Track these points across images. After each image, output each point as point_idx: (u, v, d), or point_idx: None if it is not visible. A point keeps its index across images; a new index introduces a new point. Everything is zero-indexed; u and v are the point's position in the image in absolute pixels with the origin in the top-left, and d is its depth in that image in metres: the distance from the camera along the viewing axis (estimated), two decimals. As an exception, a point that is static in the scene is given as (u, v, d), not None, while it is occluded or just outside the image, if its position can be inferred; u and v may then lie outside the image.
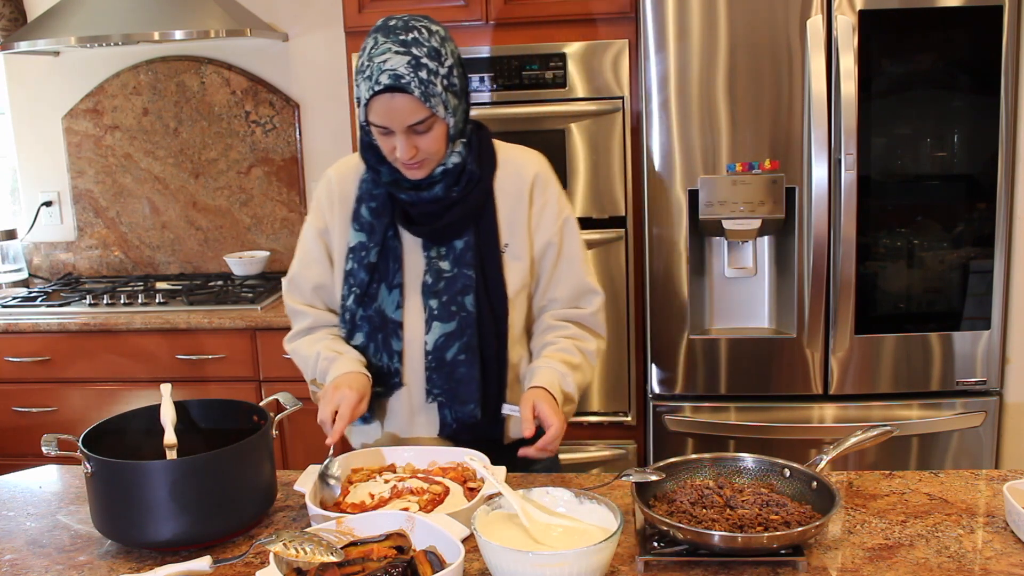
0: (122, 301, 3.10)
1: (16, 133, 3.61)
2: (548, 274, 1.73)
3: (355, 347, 1.71)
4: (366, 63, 1.52)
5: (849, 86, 2.39)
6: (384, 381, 1.70)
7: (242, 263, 3.40)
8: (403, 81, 1.49)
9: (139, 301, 3.09)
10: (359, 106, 1.57)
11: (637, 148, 2.66)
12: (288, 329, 2.87)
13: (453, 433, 1.71)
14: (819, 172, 2.44)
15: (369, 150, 1.64)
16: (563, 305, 1.74)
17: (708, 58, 2.47)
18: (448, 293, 1.64)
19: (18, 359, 3.03)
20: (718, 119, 2.49)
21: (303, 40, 3.39)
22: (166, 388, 1.59)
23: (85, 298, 3.14)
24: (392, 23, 1.54)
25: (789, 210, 2.51)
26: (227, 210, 3.52)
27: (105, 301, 3.11)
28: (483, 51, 2.73)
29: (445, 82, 1.53)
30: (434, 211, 1.63)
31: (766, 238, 2.62)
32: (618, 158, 2.71)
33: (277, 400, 1.58)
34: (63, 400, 3.05)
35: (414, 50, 1.50)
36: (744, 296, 2.65)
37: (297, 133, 3.44)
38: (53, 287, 3.40)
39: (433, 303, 1.65)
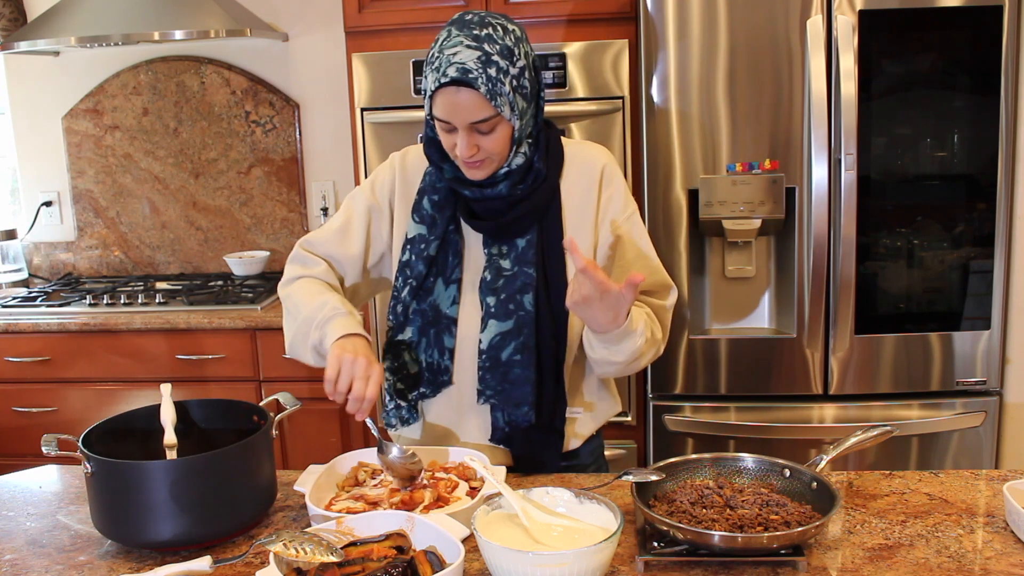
0: (122, 301, 3.10)
1: (16, 133, 3.61)
2: (618, 267, 1.63)
3: (403, 342, 1.66)
4: (436, 54, 1.48)
5: (849, 86, 2.40)
6: (432, 379, 1.65)
7: (242, 263, 3.41)
8: (470, 76, 1.44)
9: (139, 301, 3.09)
10: (424, 98, 1.52)
11: (637, 148, 2.66)
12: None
13: (505, 437, 1.64)
14: (819, 172, 2.44)
15: (432, 146, 1.60)
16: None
17: (708, 58, 2.47)
18: (507, 291, 1.59)
19: (18, 359, 3.03)
20: (718, 119, 2.49)
21: (303, 40, 3.39)
22: (166, 388, 1.58)
23: (85, 298, 3.14)
24: (468, 17, 1.51)
25: (789, 210, 2.51)
26: (227, 210, 3.53)
27: (105, 301, 3.11)
28: (483, 51, 2.73)
29: (515, 83, 1.48)
30: (498, 207, 1.58)
31: (766, 238, 2.62)
32: (618, 158, 2.71)
33: (277, 400, 1.58)
34: (63, 400, 3.05)
35: (486, 46, 1.46)
36: (744, 296, 2.65)
37: (297, 133, 3.44)
38: (53, 287, 3.40)
39: (491, 300, 1.60)
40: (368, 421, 1.51)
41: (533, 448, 1.64)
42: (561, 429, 1.65)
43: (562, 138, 1.67)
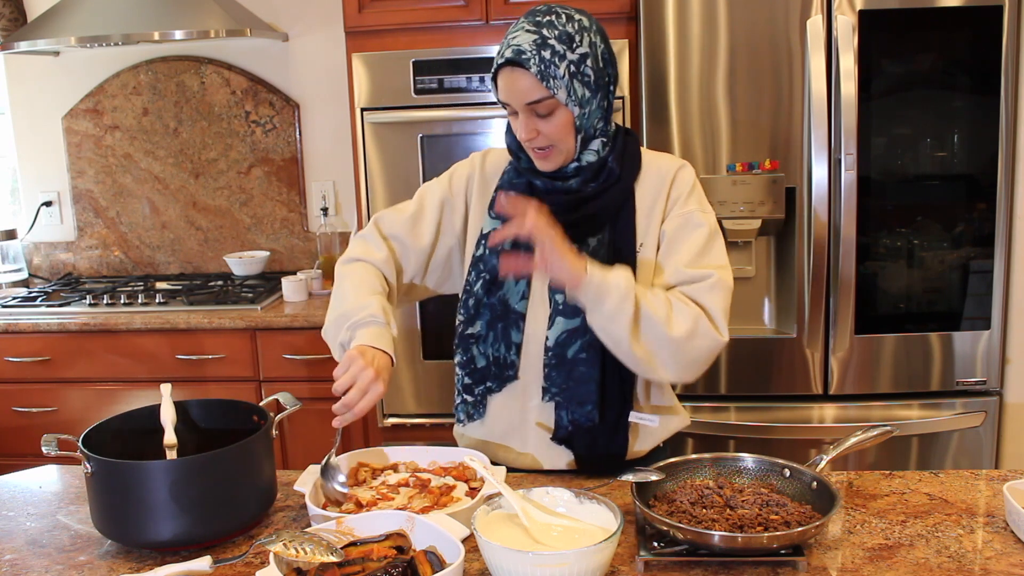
0: (122, 301, 3.10)
1: (16, 133, 3.61)
2: (663, 253, 1.60)
3: (473, 335, 1.66)
4: (503, 40, 1.53)
5: (849, 86, 2.40)
6: (499, 374, 1.65)
7: (242, 263, 3.40)
8: (523, 57, 1.47)
9: (139, 301, 3.09)
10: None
11: (637, 148, 2.65)
12: (288, 329, 2.91)
13: (568, 437, 1.62)
14: (819, 172, 2.44)
15: (512, 132, 1.62)
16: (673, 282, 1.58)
17: (708, 58, 2.47)
18: None
19: (18, 359, 3.03)
20: (718, 119, 2.49)
21: (303, 40, 3.39)
22: (166, 388, 1.58)
23: (85, 298, 3.14)
24: (538, 7, 1.54)
25: (789, 210, 2.51)
26: (227, 210, 3.53)
27: (105, 301, 3.11)
28: (483, 51, 2.73)
29: (572, 68, 1.49)
30: (569, 203, 1.59)
31: (766, 238, 2.62)
32: (618, 158, 2.71)
33: (277, 400, 1.58)
34: (63, 400, 3.05)
35: (544, 31, 1.49)
36: (744, 296, 2.65)
37: (297, 133, 3.44)
38: (53, 287, 3.40)
39: (559, 297, 1.59)
40: (338, 432, 1.50)
41: (595, 449, 1.63)
42: (625, 433, 1.63)
43: (644, 148, 1.68)
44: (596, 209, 1.59)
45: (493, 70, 1.53)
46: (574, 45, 1.50)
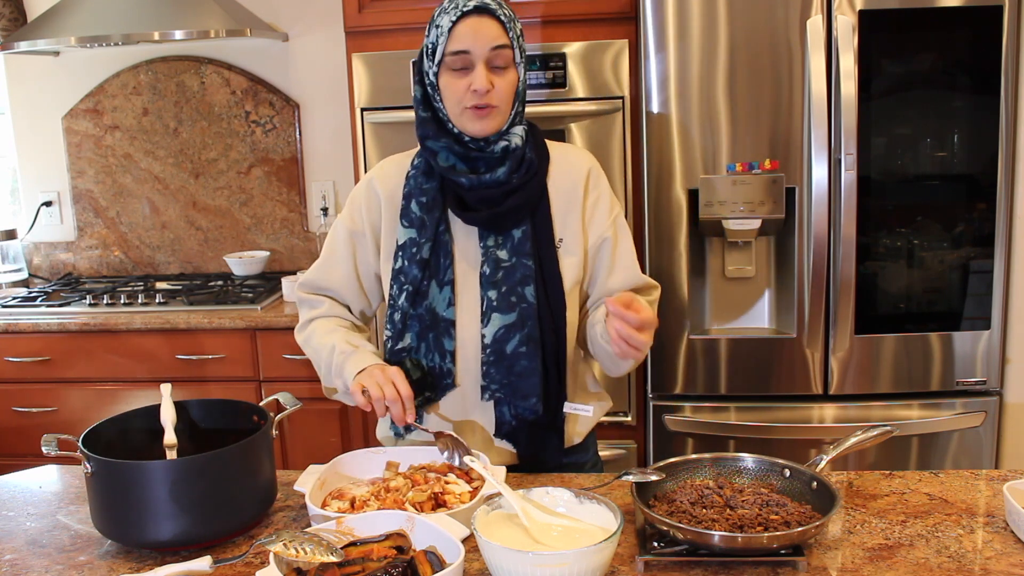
0: (122, 301, 3.10)
1: (16, 133, 3.61)
2: (606, 268, 1.68)
3: (404, 349, 1.66)
4: (449, 2, 1.56)
5: (849, 86, 2.39)
6: (435, 383, 1.66)
7: (242, 263, 3.41)
8: (491, 6, 1.54)
9: (139, 301, 3.09)
10: (434, 48, 1.56)
11: (637, 148, 2.66)
12: (288, 329, 2.91)
13: (512, 431, 1.65)
14: (819, 172, 2.44)
15: (428, 124, 1.62)
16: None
17: (708, 58, 2.47)
18: (508, 283, 1.60)
19: (18, 359, 3.03)
20: (718, 119, 2.49)
21: (303, 40, 3.39)
22: (166, 388, 1.58)
23: (85, 298, 3.14)
24: None
25: (789, 210, 2.51)
26: (227, 210, 3.53)
27: (105, 301, 3.11)
28: (483, 51, 2.73)
29: (520, 34, 1.59)
30: (494, 196, 1.60)
31: (766, 238, 2.62)
32: (618, 158, 2.71)
33: (277, 400, 1.58)
34: (63, 400, 3.05)
35: None
36: (744, 296, 2.65)
37: (297, 133, 3.44)
38: (53, 287, 3.40)
39: (492, 294, 1.61)
40: (416, 420, 1.55)
41: (536, 443, 1.65)
42: (562, 424, 1.67)
43: (549, 141, 1.72)
44: (520, 201, 1.61)
45: (454, 18, 1.53)
46: (516, 19, 1.59)
